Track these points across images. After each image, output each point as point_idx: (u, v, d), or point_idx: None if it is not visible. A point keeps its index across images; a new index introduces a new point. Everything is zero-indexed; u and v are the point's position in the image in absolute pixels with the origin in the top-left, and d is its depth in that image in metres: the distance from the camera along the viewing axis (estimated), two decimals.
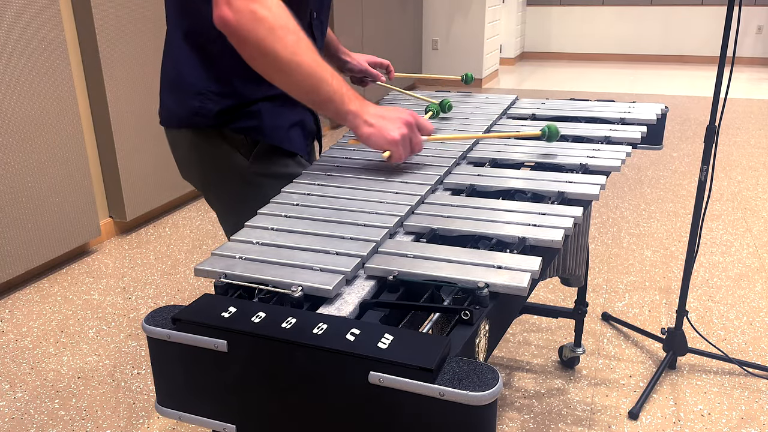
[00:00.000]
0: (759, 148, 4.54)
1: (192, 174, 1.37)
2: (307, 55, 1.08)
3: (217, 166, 1.31)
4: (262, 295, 0.91)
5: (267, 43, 1.06)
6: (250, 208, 1.31)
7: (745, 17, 7.84)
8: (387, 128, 1.12)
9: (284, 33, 1.06)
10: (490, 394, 0.70)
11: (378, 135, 1.12)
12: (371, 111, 1.13)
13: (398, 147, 1.13)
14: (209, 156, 1.31)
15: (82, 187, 2.94)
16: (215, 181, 1.35)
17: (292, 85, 1.11)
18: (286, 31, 1.06)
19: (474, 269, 0.92)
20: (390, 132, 1.11)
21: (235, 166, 1.30)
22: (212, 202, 1.39)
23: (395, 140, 1.12)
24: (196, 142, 1.30)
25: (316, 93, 1.11)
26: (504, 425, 1.88)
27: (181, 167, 1.38)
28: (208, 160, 1.32)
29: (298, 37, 1.07)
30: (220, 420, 0.85)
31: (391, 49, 6.03)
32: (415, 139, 1.15)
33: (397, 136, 1.12)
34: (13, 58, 2.56)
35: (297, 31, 1.08)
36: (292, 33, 1.06)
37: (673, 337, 2.07)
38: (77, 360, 2.24)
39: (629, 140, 1.46)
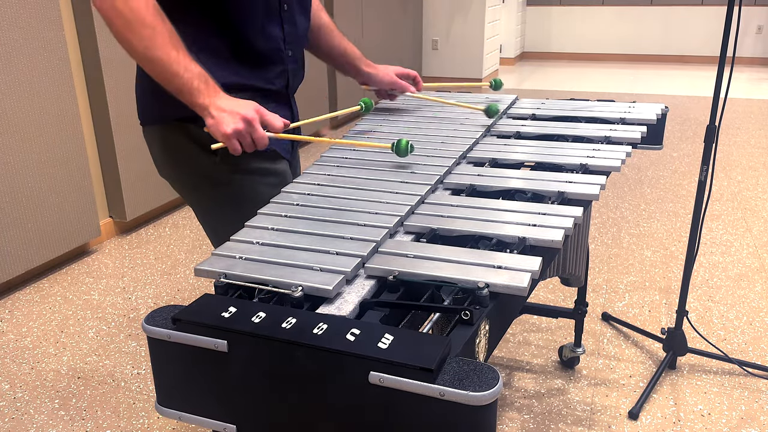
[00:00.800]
0: (759, 148, 4.54)
1: (166, 172, 1.38)
2: (160, 50, 1.12)
3: (186, 164, 1.32)
4: (262, 295, 0.91)
5: (123, 35, 1.13)
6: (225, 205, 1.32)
7: (745, 17, 7.84)
8: (224, 121, 1.13)
9: (139, 27, 1.11)
10: (490, 394, 0.70)
11: (214, 127, 1.14)
12: (218, 103, 1.15)
13: (230, 140, 1.14)
14: (177, 153, 1.32)
15: (82, 187, 2.94)
16: (186, 179, 1.35)
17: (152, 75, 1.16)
18: (140, 25, 1.11)
19: (474, 269, 0.92)
20: (224, 126, 1.13)
21: (202, 163, 1.30)
22: (188, 200, 1.40)
23: (227, 134, 1.13)
24: (165, 139, 1.32)
25: (169, 85, 1.15)
26: (504, 425, 1.88)
27: (156, 165, 1.39)
28: (177, 158, 1.33)
29: (154, 31, 1.12)
30: (220, 420, 0.85)
31: (391, 49, 6.03)
32: (255, 134, 1.15)
33: (230, 130, 1.13)
34: (13, 58, 2.56)
35: (153, 25, 1.12)
36: (147, 27, 1.11)
37: (673, 337, 2.07)
38: (77, 360, 2.24)
39: (629, 140, 1.46)
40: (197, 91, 1.14)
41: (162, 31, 1.12)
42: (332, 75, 5.03)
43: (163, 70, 1.13)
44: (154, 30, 1.12)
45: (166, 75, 1.14)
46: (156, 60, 1.13)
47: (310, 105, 4.67)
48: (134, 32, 1.11)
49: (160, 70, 1.14)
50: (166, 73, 1.13)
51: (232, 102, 1.16)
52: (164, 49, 1.12)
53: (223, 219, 1.34)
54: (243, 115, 1.13)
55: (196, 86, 1.14)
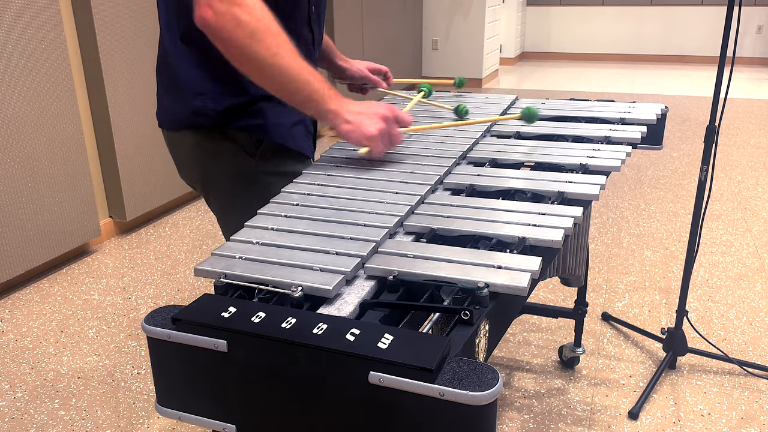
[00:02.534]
0: (759, 148, 4.54)
1: (193, 175, 1.36)
2: (288, 57, 1.10)
3: (221, 166, 1.31)
4: (262, 295, 0.91)
5: (248, 47, 1.08)
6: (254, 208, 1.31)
7: (745, 17, 7.84)
8: (365, 124, 1.13)
9: (265, 36, 1.07)
10: (490, 394, 0.70)
11: (356, 131, 1.13)
12: (350, 108, 1.15)
13: (376, 142, 1.14)
14: (212, 156, 1.30)
15: (82, 187, 2.94)
16: (217, 181, 1.34)
17: (274, 86, 1.13)
18: (267, 34, 1.08)
19: (474, 269, 0.92)
20: (367, 128, 1.13)
21: (240, 165, 1.29)
22: (212, 202, 1.38)
23: (373, 135, 1.13)
24: (198, 142, 1.30)
25: (298, 93, 1.13)
26: (504, 425, 1.88)
27: (181, 168, 1.37)
28: (210, 161, 1.31)
29: (279, 39, 1.09)
30: (220, 420, 0.85)
31: (391, 49, 6.03)
32: (393, 132, 1.16)
33: (375, 131, 1.13)
34: (13, 58, 2.56)
35: (278, 33, 1.09)
36: (273, 36, 1.08)
37: (673, 337, 2.07)
38: (77, 360, 2.24)
39: (629, 140, 1.46)
40: (329, 97, 1.13)
41: (286, 39, 1.10)
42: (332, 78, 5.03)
43: (291, 79, 1.10)
44: (279, 38, 1.09)
45: (293, 82, 1.11)
46: (285, 68, 1.09)
47: None
48: (260, 42, 1.07)
49: (287, 78, 1.10)
50: (294, 80, 1.10)
51: (363, 104, 1.15)
52: (293, 57, 1.10)
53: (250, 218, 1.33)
54: (382, 114, 1.14)
55: (327, 92, 1.13)
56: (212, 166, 1.32)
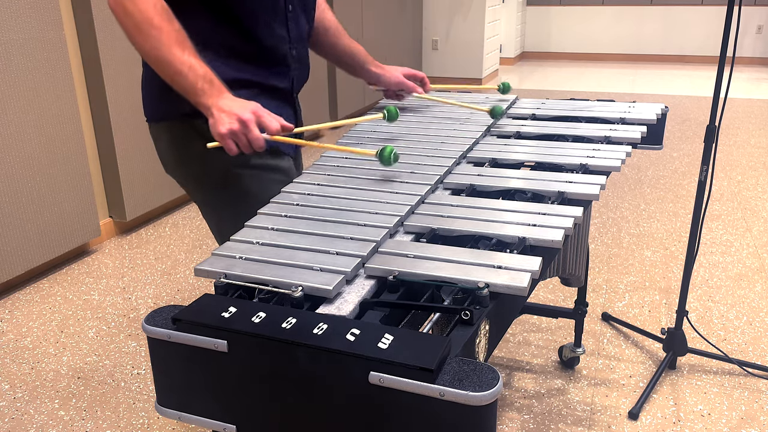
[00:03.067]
0: (759, 148, 4.54)
1: (172, 168, 1.40)
2: (166, 50, 1.15)
3: (193, 160, 1.34)
4: (263, 295, 0.91)
5: (132, 37, 1.17)
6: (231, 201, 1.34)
7: (745, 17, 7.84)
8: (221, 121, 1.15)
9: (147, 27, 1.15)
10: (490, 394, 0.70)
11: (212, 126, 1.16)
12: (219, 104, 1.17)
13: (225, 140, 1.16)
14: (186, 150, 1.34)
15: (82, 187, 2.94)
16: (194, 174, 1.37)
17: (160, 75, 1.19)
18: (148, 26, 1.15)
19: (474, 269, 0.92)
20: (220, 125, 1.15)
21: (208, 159, 1.32)
22: (193, 195, 1.41)
23: (221, 133, 1.15)
24: (173, 135, 1.34)
25: (176, 84, 1.18)
26: (504, 425, 1.88)
27: (163, 162, 1.41)
28: (185, 154, 1.35)
29: (160, 32, 1.15)
30: (220, 420, 0.85)
31: (391, 49, 6.02)
32: (250, 135, 1.16)
33: (224, 130, 1.14)
34: (13, 58, 2.56)
35: (160, 26, 1.15)
36: (154, 28, 1.15)
37: (673, 337, 2.07)
38: (77, 360, 2.24)
39: (629, 140, 1.46)
40: (201, 91, 1.16)
41: (168, 32, 1.15)
42: (332, 79, 5.03)
43: (169, 70, 1.16)
44: (161, 30, 1.15)
45: (172, 75, 1.17)
46: (162, 60, 1.16)
47: (311, 109, 4.67)
48: (142, 33, 1.15)
49: (166, 69, 1.17)
50: (172, 73, 1.16)
51: (233, 102, 1.17)
52: (170, 50, 1.15)
53: (227, 215, 1.36)
54: (239, 115, 1.15)
55: (200, 87, 1.16)
56: (187, 160, 1.35)
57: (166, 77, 1.18)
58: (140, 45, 1.16)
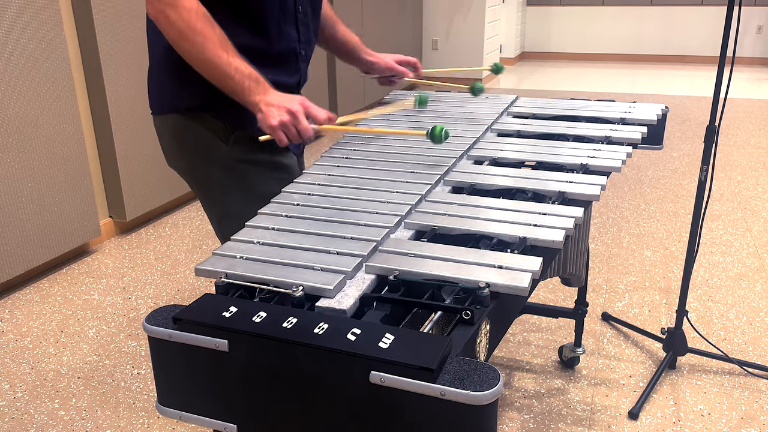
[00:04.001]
0: (759, 148, 4.54)
1: (176, 161, 1.42)
2: (212, 54, 1.19)
3: (199, 153, 1.36)
4: (263, 294, 0.91)
5: (178, 44, 1.21)
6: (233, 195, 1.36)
7: (745, 17, 7.84)
8: (270, 114, 1.19)
9: (191, 34, 1.19)
10: (491, 393, 0.70)
11: (262, 120, 1.21)
12: (267, 99, 1.21)
13: (276, 132, 1.20)
14: (190, 142, 1.36)
15: (82, 187, 2.94)
16: (197, 167, 1.39)
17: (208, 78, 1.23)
18: (193, 33, 1.19)
19: (475, 269, 0.92)
20: (271, 118, 1.19)
21: (216, 152, 1.35)
22: (195, 189, 1.43)
23: (272, 126, 1.19)
24: (179, 127, 1.36)
25: (225, 86, 1.22)
26: (504, 425, 1.88)
27: (166, 154, 1.43)
28: (189, 147, 1.37)
29: (204, 37, 1.19)
30: (221, 419, 0.85)
31: (391, 49, 6.03)
32: (299, 126, 1.20)
33: (275, 122, 1.18)
34: (13, 57, 2.56)
35: (203, 30, 1.19)
36: (198, 34, 1.19)
37: (673, 337, 2.07)
38: (77, 360, 2.24)
39: (630, 140, 1.46)
40: (249, 90, 1.21)
41: (211, 37, 1.19)
42: (332, 80, 5.03)
43: (217, 73, 1.20)
44: (205, 36, 1.19)
45: (220, 77, 1.21)
46: (209, 63, 1.20)
47: None
48: (187, 40, 1.19)
49: (214, 73, 1.21)
50: (220, 75, 1.20)
51: (281, 97, 1.21)
52: (215, 53, 1.19)
53: (228, 209, 1.38)
54: (288, 107, 1.19)
55: (247, 86, 1.21)
56: (191, 152, 1.37)
57: (213, 79, 1.22)
58: (186, 51, 1.20)
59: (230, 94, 1.23)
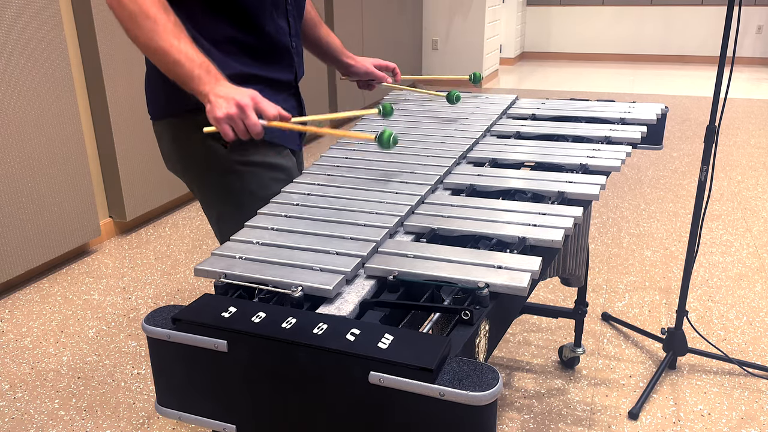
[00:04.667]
0: (759, 148, 4.54)
1: (174, 165, 1.41)
2: (162, 40, 1.16)
3: (198, 156, 1.35)
4: (263, 295, 0.91)
5: (129, 29, 1.17)
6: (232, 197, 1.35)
7: (745, 17, 7.84)
8: (218, 105, 1.14)
9: (142, 19, 1.15)
10: (490, 394, 0.70)
11: (209, 112, 1.16)
12: (217, 90, 1.17)
13: (221, 124, 1.15)
14: (189, 146, 1.35)
15: (82, 187, 2.94)
16: (197, 171, 1.38)
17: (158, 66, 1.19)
18: (143, 17, 1.15)
19: (474, 269, 0.92)
20: (217, 110, 1.14)
21: (214, 155, 1.33)
22: (196, 193, 1.43)
23: (218, 117, 1.14)
24: (176, 132, 1.35)
25: (174, 74, 1.18)
26: (504, 425, 1.88)
27: (165, 159, 1.42)
28: (188, 151, 1.36)
29: (155, 22, 1.15)
30: (220, 420, 0.85)
31: (391, 49, 6.02)
32: (247, 121, 1.16)
33: (221, 114, 1.14)
34: (13, 58, 2.56)
35: (155, 16, 1.16)
36: (148, 19, 1.15)
37: (673, 337, 2.07)
38: (77, 360, 2.24)
39: (629, 140, 1.46)
40: (198, 78, 1.17)
41: (164, 22, 1.16)
42: (332, 80, 5.03)
43: (165, 60, 1.17)
44: (156, 21, 1.15)
45: (168, 64, 1.17)
46: (159, 50, 1.16)
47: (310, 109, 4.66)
48: (137, 24, 1.15)
49: (163, 60, 1.17)
50: (169, 63, 1.17)
51: (230, 89, 1.17)
52: (166, 39, 1.16)
53: (228, 212, 1.37)
54: (237, 101, 1.15)
55: (197, 74, 1.16)
56: (190, 157, 1.36)
57: (163, 68, 1.18)
58: (136, 36, 1.17)
59: (181, 84, 1.18)
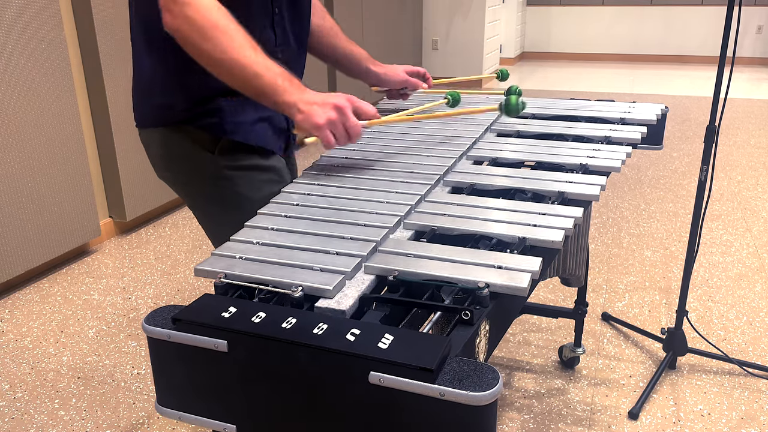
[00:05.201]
0: (759, 148, 4.54)
1: (163, 173, 1.39)
2: (238, 52, 1.10)
3: (187, 164, 1.33)
4: (263, 295, 0.91)
5: (199, 44, 1.11)
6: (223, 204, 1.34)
7: (745, 17, 7.84)
8: (315, 113, 1.11)
9: (213, 32, 1.10)
10: (490, 394, 0.70)
11: (306, 120, 1.12)
12: (305, 98, 1.13)
13: (323, 131, 1.12)
14: (177, 155, 1.33)
15: (82, 187, 2.94)
16: (186, 179, 1.36)
17: (230, 81, 1.14)
18: (216, 31, 1.10)
19: (474, 269, 0.92)
20: (316, 117, 1.11)
21: (203, 162, 1.31)
22: (186, 200, 1.41)
23: (319, 125, 1.11)
24: (164, 141, 1.32)
25: (250, 87, 1.13)
26: (504, 425, 1.88)
27: (154, 166, 1.40)
28: (176, 159, 1.34)
29: (228, 35, 1.10)
30: (220, 420, 0.84)
31: (391, 49, 6.02)
32: (347, 123, 1.13)
33: (322, 120, 1.11)
34: (13, 58, 2.56)
35: (227, 28, 1.11)
36: (221, 32, 1.10)
37: (673, 337, 2.07)
38: (77, 360, 2.24)
39: (629, 140, 1.46)
40: (282, 89, 1.12)
41: (238, 34, 1.11)
42: (332, 80, 5.03)
43: (243, 73, 1.11)
44: (230, 34, 1.10)
45: (246, 77, 1.12)
46: (235, 63, 1.11)
47: None
48: (210, 39, 1.10)
49: (240, 72, 1.12)
50: (247, 75, 1.11)
51: (321, 94, 1.14)
52: (243, 51, 1.11)
53: (221, 219, 1.35)
54: (334, 103, 1.12)
55: (280, 84, 1.12)
56: (179, 165, 1.34)
57: (238, 81, 1.13)
58: (209, 52, 1.11)
59: (256, 97, 1.14)
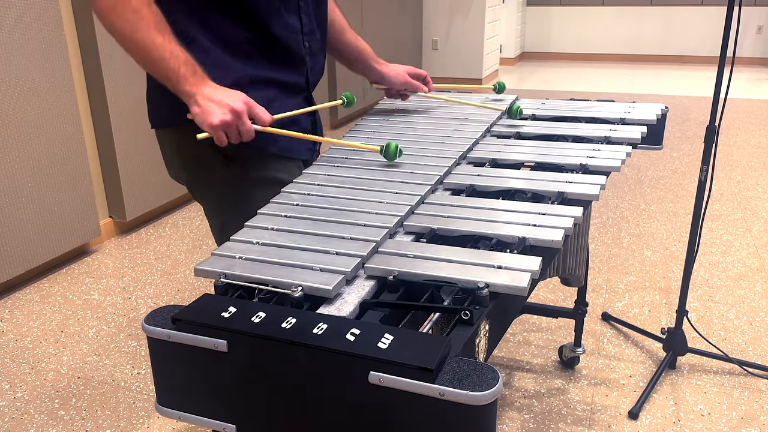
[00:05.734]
0: (759, 148, 4.54)
1: (179, 174, 1.38)
2: (145, 33, 1.10)
3: (200, 166, 1.32)
4: (262, 295, 0.91)
5: (109, 21, 1.11)
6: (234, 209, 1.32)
7: (745, 17, 7.84)
8: (211, 112, 1.10)
9: (124, 11, 1.09)
10: (490, 394, 0.70)
11: (201, 116, 1.12)
12: (205, 92, 1.12)
13: (217, 131, 1.12)
14: (193, 156, 1.31)
15: (82, 187, 2.94)
16: (199, 180, 1.35)
17: (138, 62, 1.13)
18: (125, 9, 1.09)
19: (474, 269, 0.92)
20: (211, 116, 1.10)
21: (216, 167, 1.30)
22: (198, 201, 1.40)
23: (214, 125, 1.11)
24: (180, 142, 1.31)
25: (154, 71, 1.13)
26: (504, 425, 1.88)
27: (168, 166, 1.39)
28: (191, 161, 1.32)
29: (139, 15, 1.10)
30: (220, 420, 0.85)
31: (391, 49, 6.02)
32: (242, 127, 1.13)
33: (217, 121, 1.10)
34: (13, 58, 2.56)
35: (139, 9, 1.10)
36: (132, 11, 1.10)
37: (673, 337, 2.07)
38: (77, 360, 2.24)
39: (629, 140, 1.46)
40: (183, 77, 1.11)
41: (147, 16, 1.10)
42: (332, 81, 5.03)
43: (147, 55, 1.11)
44: (139, 14, 1.10)
45: (151, 60, 1.11)
46: (140, 44, 1.10)
47: None
48: (119, 16, 1.10)
49: (145, 55, 1.11)
50: (151, 58, 1.11)
51: (220, 92, 1.13)
52: (148, 33, 1.10)
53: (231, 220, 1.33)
54: (231, 106, 1.11)
55: (182, 73, 1.11)
56: (194, 167, 1.33)
57: (145, 64, 1.13)
58: (117, 29, 1.11)
59: (163, 81, 1.13)
